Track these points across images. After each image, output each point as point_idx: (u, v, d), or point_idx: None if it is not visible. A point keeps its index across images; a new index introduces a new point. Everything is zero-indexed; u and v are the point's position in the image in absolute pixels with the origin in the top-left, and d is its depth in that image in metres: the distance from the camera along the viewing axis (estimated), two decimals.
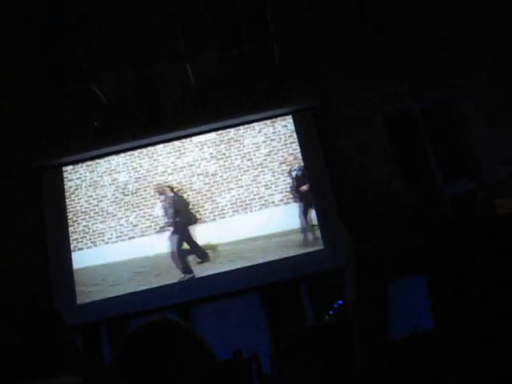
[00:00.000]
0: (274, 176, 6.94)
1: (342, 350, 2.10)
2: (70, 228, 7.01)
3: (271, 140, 7.07)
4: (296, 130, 7.04)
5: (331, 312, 6.57)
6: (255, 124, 7.18)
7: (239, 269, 6.63)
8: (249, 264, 6.63)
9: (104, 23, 7.50)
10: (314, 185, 6.78)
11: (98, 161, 7.21)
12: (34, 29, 7.57)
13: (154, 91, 7.35)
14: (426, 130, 7.13)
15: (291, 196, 6.84)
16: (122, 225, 6.92)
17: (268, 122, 7.19)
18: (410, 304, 5.21)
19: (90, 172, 7.17)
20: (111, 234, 6.91)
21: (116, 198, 7.02)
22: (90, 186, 7.15)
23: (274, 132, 7.11)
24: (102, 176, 7.12)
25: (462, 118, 7.12)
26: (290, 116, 7.20)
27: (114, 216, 6.95)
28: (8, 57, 7.43)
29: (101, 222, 6.99)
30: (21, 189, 7.06)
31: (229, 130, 7.19)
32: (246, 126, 7.19)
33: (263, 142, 7.07)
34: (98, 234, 6.97)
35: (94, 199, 7.12)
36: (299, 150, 7.00)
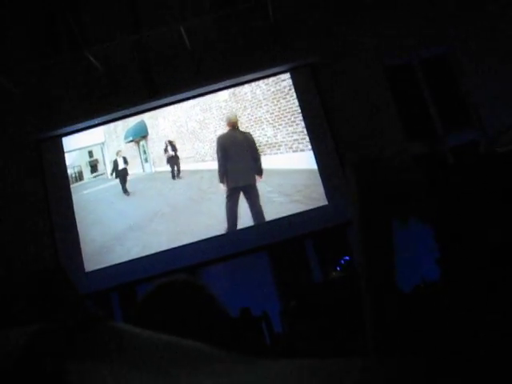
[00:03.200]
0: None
1: (349, 304, 2.15)
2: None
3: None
4: (294, 87, 6.96)
5: (338, 268, 6.66)
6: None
7: (246, 228, 6.72)
8: (255, 223, 6.69)
9: None
10: (315, 141, 6.76)
11: None
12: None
13: (149, 55, 7.29)
14: (427, 82, 7.10)
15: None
16: None
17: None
18: (417, 254, 5.30)
19: None
20: None
21: None
22: None
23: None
24: None
25: (462, 69, 7.08)
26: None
27: None
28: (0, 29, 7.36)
29: None
30: (23, 160, 7.05)
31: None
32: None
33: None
34: None
35: None
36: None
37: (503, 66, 6.82)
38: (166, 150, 7.11)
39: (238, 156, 6.86)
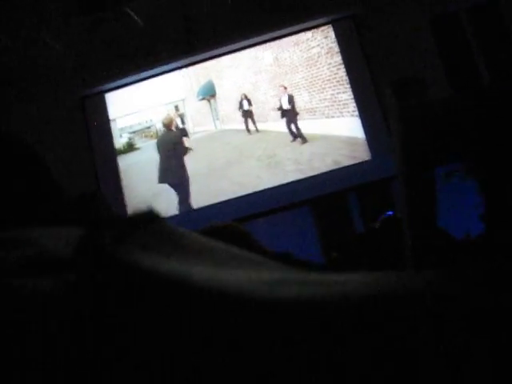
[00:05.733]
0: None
1: (390, 253, 2.17)
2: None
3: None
4: (337, 40, 6.89)
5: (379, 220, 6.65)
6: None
7: (289, 183, 6.87)
8: (300, 177, 6.83)
9: None
10: (359, 96, 6.75)
11: None
12: None
13: (189, 9, 7.26)
14: (475, 31, 6.86)
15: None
16: None
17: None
18: (459, 209, 5.25)
19: None
20: None
21: None
22: None
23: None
24: None
25: None
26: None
27: None
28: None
29: None
30: (67, 117, 7.24)
31: None
32: None
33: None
34: None
35: None
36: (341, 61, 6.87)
37: None
38: (241, 104, 7.30)
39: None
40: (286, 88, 7.10)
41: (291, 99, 7.05)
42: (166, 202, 7.00)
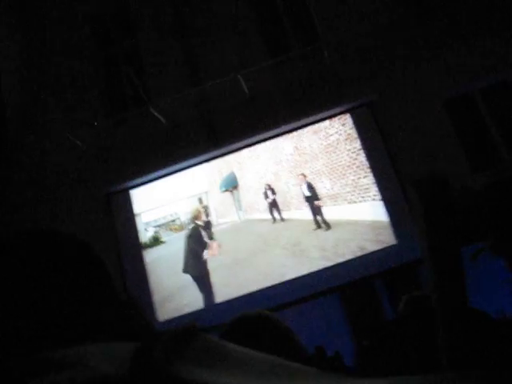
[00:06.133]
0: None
1: (423, 339, 2.10)
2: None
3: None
4: (355, 127, 7.03)
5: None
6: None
7: (315, 272, 6.81)
8: (326, 264, 6.77)
9: (155, 49, 7.80)
10: (380, 180, 6.78)
11: None
12: (89, 66, 7.95)
13: (209, 106, 7.53)
14: (489, 111, 6.97)
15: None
16: None
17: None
18: (491, 287, 5.12)
19: None
20: None
21: None
22: None
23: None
24: None
25: None
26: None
27: None
28: (71, 94, 7.84)
29: None
30: (93, 213, 7.38)
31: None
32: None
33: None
34: None
35: None
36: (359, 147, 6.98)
37: None
38: (266, 195, 7.44)
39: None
40: (305, 176, 7.20)
41: (311, 186, 7.12)
42: (193, 296, 6.96)
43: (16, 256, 0.59)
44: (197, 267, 7.15)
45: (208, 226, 7.43)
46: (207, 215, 7.43)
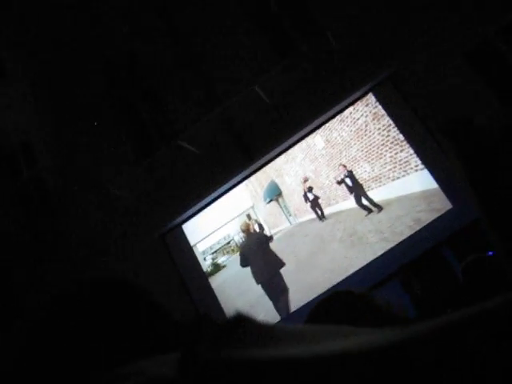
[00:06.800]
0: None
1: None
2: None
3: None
4: (381, 104, 6.97)
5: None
6: None
7: (382, 254, 6.73)
8: (386, 245, 6.69)
9: (171, 84, 7.95)
10: (418, 149, 6.65)
11: None
12: (109, 116, 8.19)
13: (235, 123, 7.59)
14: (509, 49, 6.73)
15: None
16: None
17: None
18: None
19: None
20: None
21: None
22: None
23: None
24: None
25: None
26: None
27: None
28: (102, 145, 8.09)
29: None
30: (153, 253, 7.54)
31: None
32: None
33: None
34: None
35: None
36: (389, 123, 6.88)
37: None
38: (306, 196, 7.46)
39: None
40: (345, 166, 7.17)
41: (351, 174, 7.06)
42: (267, 310, 6.98)
43: (92, 301, 0.82)
44: (265, 271, 7.19)
45: (261, 228, 7.49)
46: (262, 229, 7.46)
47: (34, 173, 8.49)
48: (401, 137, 6.89)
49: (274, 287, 7.05)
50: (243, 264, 7.21)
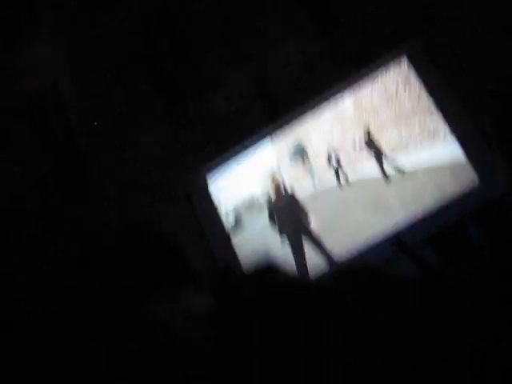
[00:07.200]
0: None
1: None
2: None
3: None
4: (412, 69, 6.80)
5: None
6: None
7: (406, 225, 6.68)
8: (409, 216, 6.66)
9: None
10: (449, 118, 6.50)
11: None
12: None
13: (266, 82, 7.52)
14: None
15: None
16: None
17: None
18: None
19: None
20: None
21: None
22: None
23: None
24: None
25: None
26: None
27: None
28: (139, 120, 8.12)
29: None
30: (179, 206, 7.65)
31: None
32: None
33: None
34: None
35: None
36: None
37: None
38: (329, 160, 7.40)
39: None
40: (369, 132, 7.08)
41: (372, 137, 7.01)
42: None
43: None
44: (292, 226, 7.21)
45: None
46: (285, 190, 7.46)
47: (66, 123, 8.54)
48: (431, 107, 6.72)
49: (298, 243, 7.11)
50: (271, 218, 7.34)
